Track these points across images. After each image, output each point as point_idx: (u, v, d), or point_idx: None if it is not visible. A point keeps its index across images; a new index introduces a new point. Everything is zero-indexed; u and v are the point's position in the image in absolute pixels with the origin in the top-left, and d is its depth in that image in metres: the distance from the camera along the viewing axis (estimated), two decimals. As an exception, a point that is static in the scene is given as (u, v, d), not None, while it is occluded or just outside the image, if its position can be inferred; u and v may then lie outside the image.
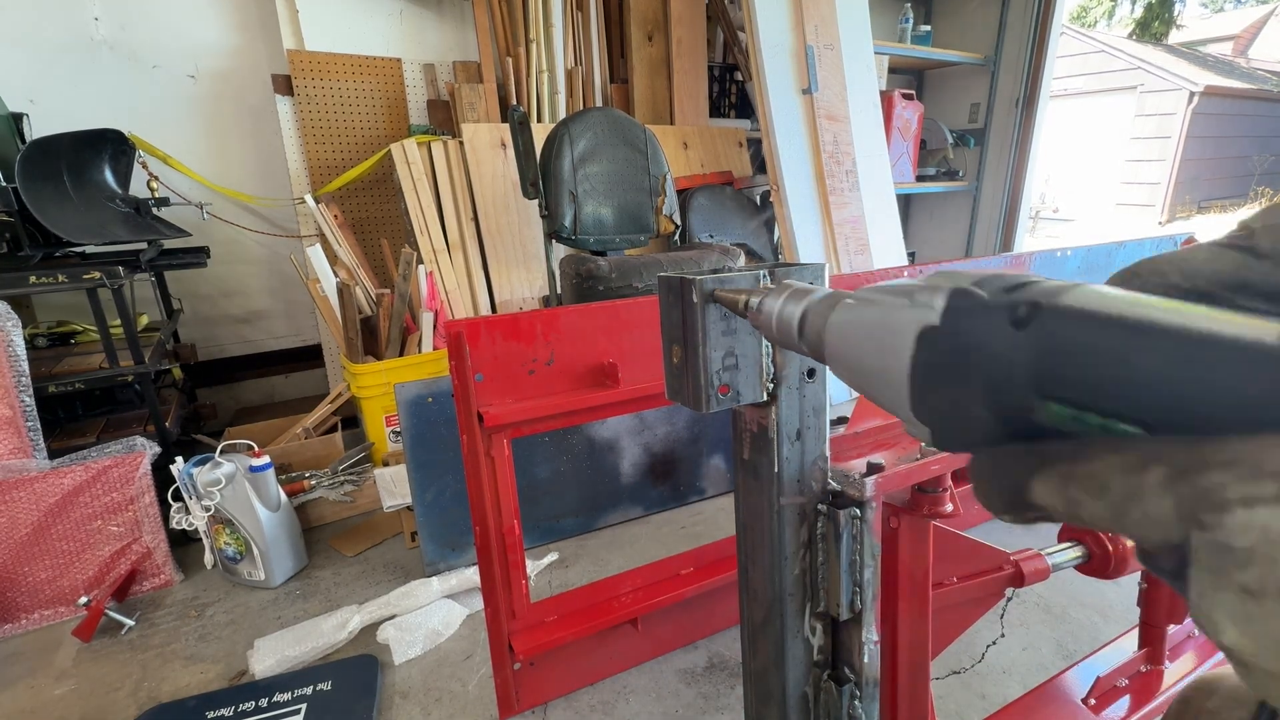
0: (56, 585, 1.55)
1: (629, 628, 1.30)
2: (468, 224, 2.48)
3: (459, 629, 1.46)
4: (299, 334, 2.83)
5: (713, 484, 2.03)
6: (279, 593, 1.62)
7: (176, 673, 1.37)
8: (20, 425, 1.54)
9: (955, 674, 1.26)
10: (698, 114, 3.02)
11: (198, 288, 2.57)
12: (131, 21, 2.32)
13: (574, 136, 2.27)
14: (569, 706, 1.26)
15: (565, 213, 2.27)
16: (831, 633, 0.59)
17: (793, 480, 0.54)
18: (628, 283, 2.06)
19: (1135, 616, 1.12)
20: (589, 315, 1.20)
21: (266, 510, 1.62)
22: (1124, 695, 1.06)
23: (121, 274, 1.75)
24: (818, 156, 2.62)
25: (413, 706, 1.26)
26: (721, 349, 0.48)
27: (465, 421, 1.08)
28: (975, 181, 3.89)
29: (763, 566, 0.57)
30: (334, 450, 2.03)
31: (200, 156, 2.47)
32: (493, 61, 2.62)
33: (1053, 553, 0.87)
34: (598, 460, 1.85)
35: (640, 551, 1.76)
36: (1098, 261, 2.10)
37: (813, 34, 2.58)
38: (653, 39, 2.86)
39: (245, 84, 2.52)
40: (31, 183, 1.72)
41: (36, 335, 2.13)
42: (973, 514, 1.80)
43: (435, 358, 2.12)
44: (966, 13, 3.82)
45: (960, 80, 3.93)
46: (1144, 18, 12.97)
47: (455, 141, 2.46)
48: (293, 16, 2.39)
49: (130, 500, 1.60)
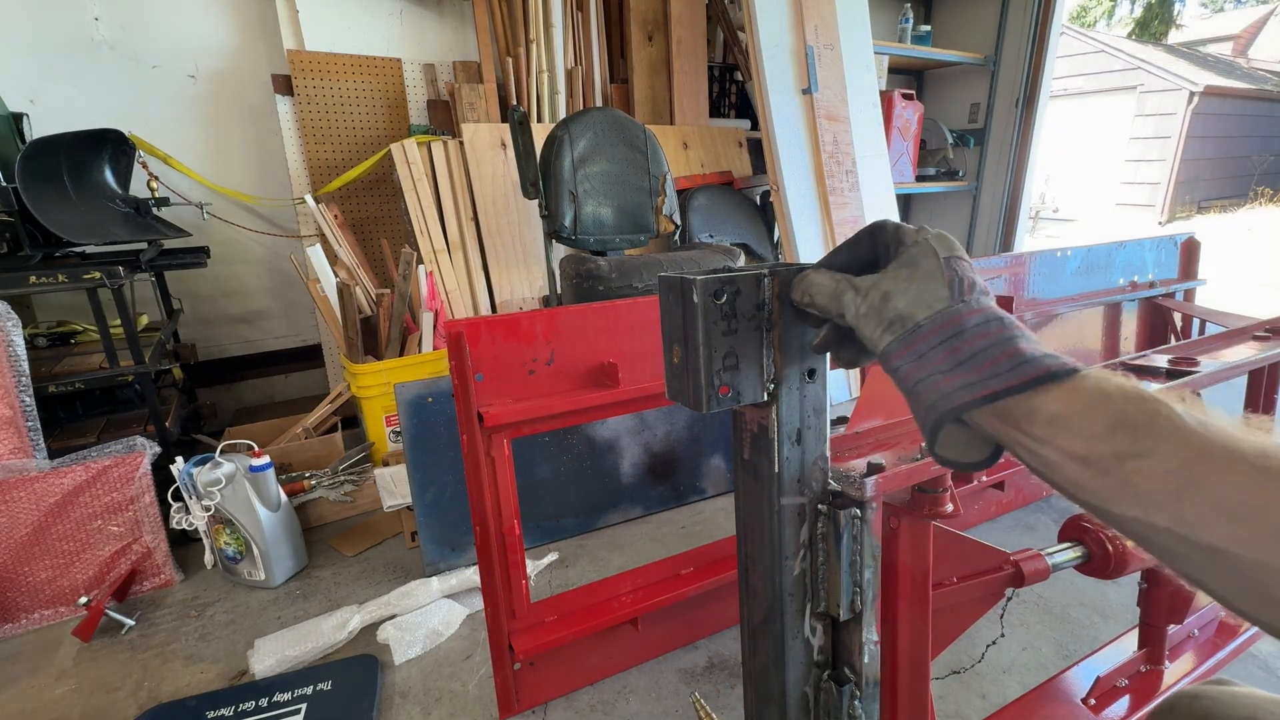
0: (56, 585, 1.55)
1: (629, 628, 1.30)
2: (468, 224, 2.48)
3: (459, 629, 1.46)
4: (299, 334, 2.83)
5: (713, 484, 2.03)
6: (279, 593, 1.62)
7: (176, 673, 1.37)
8: (20, 425, 1.54)
9: (955, 674, 1.26)
10: (698, 114, 3.02)
11: (198, 288, 2.57)
12: (131, 21, 2.32)
13: (574, 136, 2.27)
14: (569, 706, 1.26)
15: (565, 213, 2.27)
16: (831, 633, 0.59)
17: (793, 480, 0.54)
18: (628, 283, 2.06)
19: (1135, 616, 1.12)
20: (589, 315, 1.20)
21: (266, 510, 1.62)
22: (1124, 695, 1.06)
23: (121, 274, 1.75)
24: (818, 156, 2.62)
25: (413, 706, 1.26)
26: (722, 349, 0.48)
27: (465, 421, 1.08)
28: (975, 181, 3.89)
29: (763, 566, 0.57)
30: (334, 450, 2.03)
31: (200, 156, 2.47)
32: (493, 61, 2.62)
33: (1053, 553, 0.87)
34: (598, 460, 1.85)
35: (640, 551, 1.76)
36: (1098, 261, 2.10)
37: (813, 34, 2.58)
38: (653, 39, 2.86)
39: (245, 84, 2.52)
40: (31, 183, 1.72)
41: (36, 335, 2.13)
42: (973, 514, 1.80)
43: (435, 358, 2.12)
44: (966, 13, 3.82)
45: (960, 80, 3.93)
46: (1144, 17, 12.98)
47: (455, 141, 2.46)
48: (293, 16, 2.39)
49: (130, 500, 1.60)
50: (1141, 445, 0.33)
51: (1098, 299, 2.12)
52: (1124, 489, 0.33)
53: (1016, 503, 1.90)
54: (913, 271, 0.43)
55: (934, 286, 0.42)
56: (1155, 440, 0.33)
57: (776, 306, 0.50)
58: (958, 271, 0.42)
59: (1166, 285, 2.24)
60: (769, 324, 0.50)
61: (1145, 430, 0.33)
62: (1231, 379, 1.00)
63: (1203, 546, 0.31)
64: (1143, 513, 0.33)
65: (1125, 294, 2.18)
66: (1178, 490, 0.31)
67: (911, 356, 0.41)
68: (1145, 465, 0.33)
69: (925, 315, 0.41)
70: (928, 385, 0.41)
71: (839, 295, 0.46)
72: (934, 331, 0.41)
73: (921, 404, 0.41)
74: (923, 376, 0.41)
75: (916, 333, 0.41)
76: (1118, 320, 2.28)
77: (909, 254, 0.44)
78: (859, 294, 0.45)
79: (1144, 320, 2.32)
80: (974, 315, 0.40)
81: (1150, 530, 0.33)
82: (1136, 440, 0.33)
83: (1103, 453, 0.34)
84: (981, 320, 0.40)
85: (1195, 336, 2.21)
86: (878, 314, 0.43)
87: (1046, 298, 1.99)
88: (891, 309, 0.42)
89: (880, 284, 0.44)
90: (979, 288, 0.42)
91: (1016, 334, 0.39)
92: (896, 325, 0.42)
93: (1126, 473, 0.33)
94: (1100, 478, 0.34)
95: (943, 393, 0.40)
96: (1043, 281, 1.98)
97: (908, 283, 0.42)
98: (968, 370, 0.39)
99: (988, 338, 0.39)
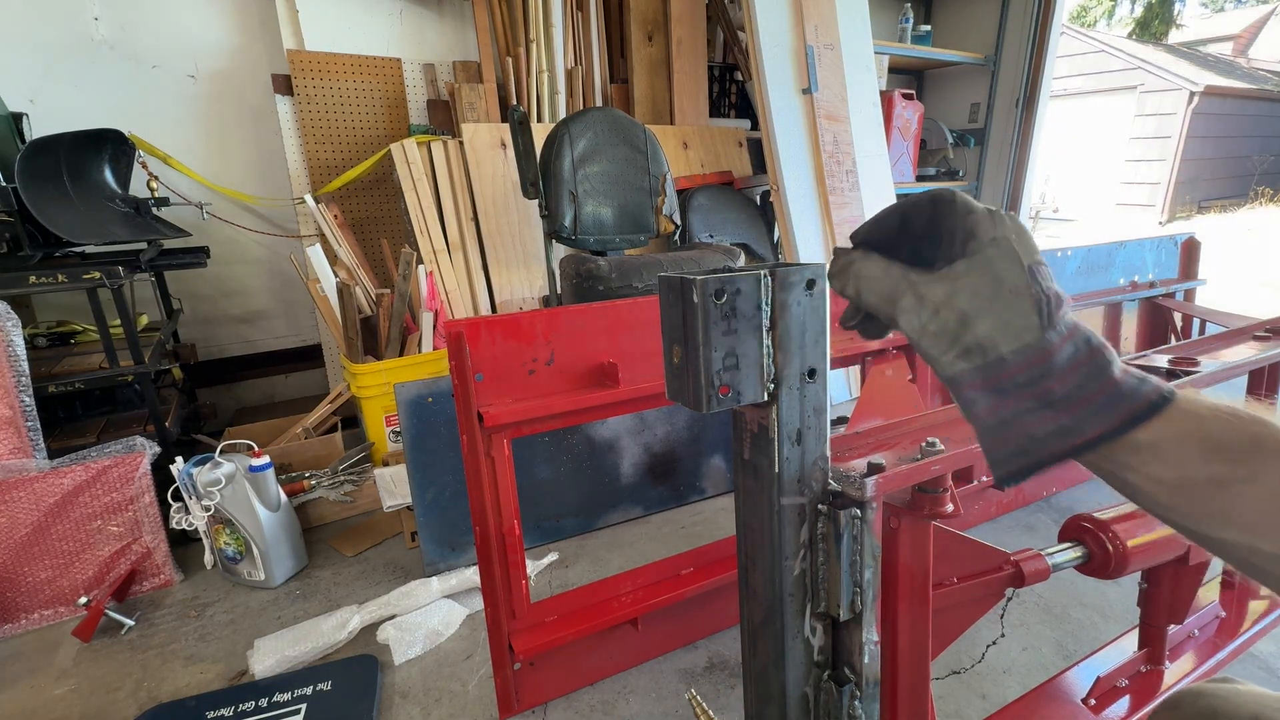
0: (56, 585, 1.55)
1: (629, 628, 1.30)
2: (468, 224, 2.48)
3: (459, 629, 1.46)
4: (299, 334, 2.83)
5: (713, 484, 2.03)
6: (279, 593, 1.62)
7: (176, 673, 1.37)
8: (20, 425, 1.54)
9: (955, 674, 1.26)
10: (698, 114, 3.01)
11: (198, 288, 2.57)
12: (131, 21, 2.32)
13: (574, 136, 2.27)
14: (569, 706, 1.26)
15: (565, 213, 2.27)
16: (832, 633, 0.59)
17: (793, 480, 0.54)
18: (628, 283, 2.06)
19: (1135, 616, 1.12)
20: (589, 315, 1.20)
21: (266, 510, 1.62)
22: (1124, 695, 1.05)
23: (121, 274, 1.75)
24: (818, 156, 2.62)
25: (413, 706, 1.26)
26: (722, 349, 0.48)
27: (465, 421, 1.08)
28: (975, 181, 3.89)
29: (763, 566, 0.57)
30: (334, 450, 2.03)
31: (200, 156, 2.47)
32: (493, 61, 2.61)
33: (1053, 553, 0.87)
34: (598, 460, 1.85)
35: (640, 551, 1.75)
36: (1098, 261, 2.10)
37: (813, 34, 2.58)
38: (653, 39, 2.86)
39: (245, 84, 2.52)
40: (31, 183, 1.72)
41: (36, 335, 2.12)
42: (973, 514, 1.80)
43: (435, 358, 2.12)
44: (966, 13, 3.82)
45: (960, 80, 3.93)
46: (1144, 17, 12.98)
47: (455, 141, 2.46)
48: (292, 16, 2.39)
49: (130, 500, 1.60)
50: (1242, 470, 0.31)
51: (1098, 299, 2.12)
52: (1224, 514, 0.32)
53: (1016, 503, 1.90)
54: (995, 285, 0.36)
55: (1022, 310, 0.35)
56: (1258, 464, 0.31)
57: (777, 306, 0.50)
58: (1044, 286, 0.36)
59: (1167, 285, 2.24)
60: (769, 324, 0.50)
61: (1247, 454, 0.31)
62: (1232, 379, 1.00)
63: None
64: (1245, 538, 0.31)
65: (1125, 294, 2.18)
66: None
67: (990, 391, 0.36)
68: (1247, 490, 0.31)
69: (1012, 348, 0.35)
70: (1015, 429, 0.36)
71: (895, 298, 0.39)
72: (1022, 369, 0.35)
73: (1003, 448, 0.36)
74: (1008, 416, 0.36)
75: (1000, 367, 0.36)
76: (1118, 320, 2.29)
77: (985, 255, 0.37)
78: (923, 304, 0.38)
79: (1144, 320, 2.32)
80: (1065, 346, 0.35)
81: (1254, 555, 0.31)
82: (1235, 465, 0.31)
83: (1196, 479, 0.32)
84: (1072, 351, 0.35)
85: (1195, 336, 2.21)
86: (952, 337, 0.37)
87: (1046, 298, 1.99)
88: (970, 335, 0.36)
89: (954, 299, 0.37)
90: (1065, 302, 0.36)
91: (1108, 359, 0.35)
92: (975, 355, 0.36)
93: (1227, 498, 0.31)
94: (1194, 503, 0.32)
95: (1033, 438, 0.35)
96: (1043, 281, 1.97)
97: (991, 301, 0.36)
98: (1059, 411, 0.35)
99: (1079, 371, 0.35)
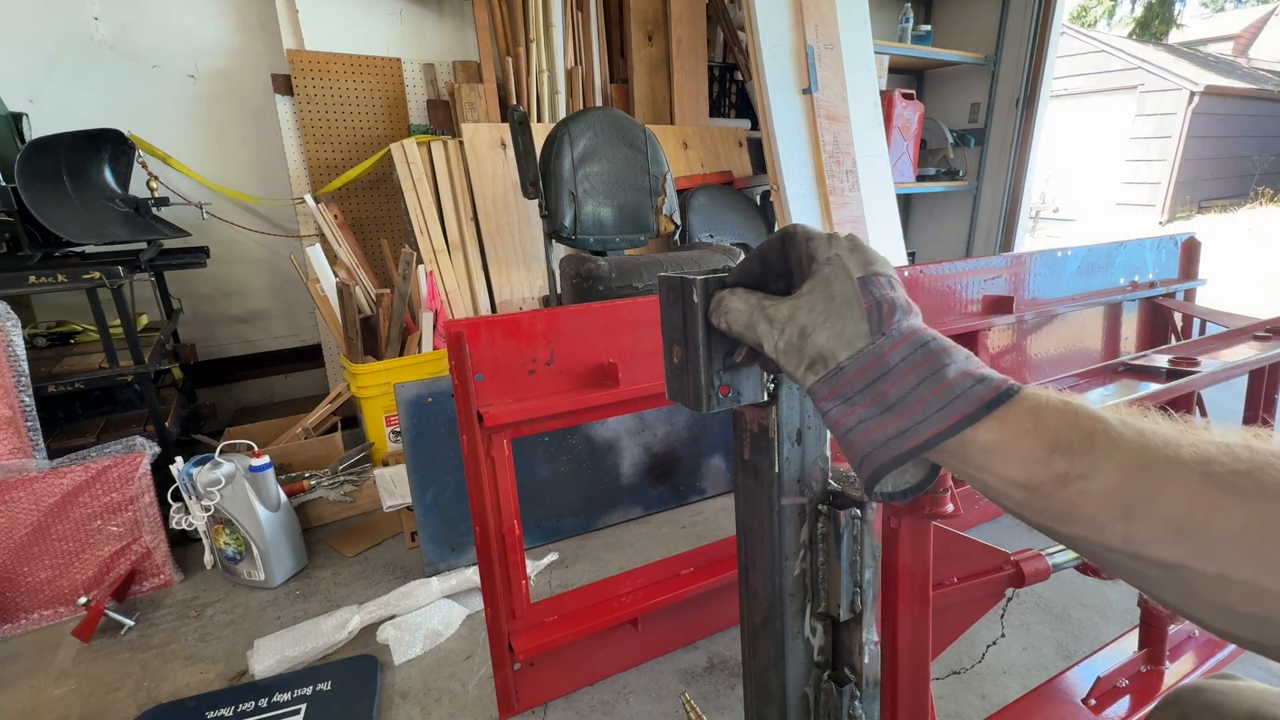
0: (56, 585, 1.55)
1: (629, 628, 1.30)
2: (468, 224, 2.48)
3: (459, 629, 1.46)
4: (299, 334, 2.83)
5: (713, 484, 2.03)
6: (279, 593, 1.62)
7: (176, 673, 1.37)
8: (20, 425, 1.54)
9: (955, 674, 1.26)
10: (698, 114, 3.01)
11: (197, 288, 2.57)
12: (131, 21, 2.32)
13: (574, 136, 2.27)
14: (569, 707, 1.26)
15: (565, 213, 2.27)
16: (832, 633, 0.59)
17: (793, 480, 0.54)
18: (628, 283, 2.06)
19: (1135, 616, 1.12)
20: (589, 315, 1.20)
21: (266, 510, 1.62)
22: (1124, 695, 1.06)
23: (121, 274, 1.75)
24: (818, 156, 2.61)
25: (412, 707, 1.26)
26: (722, 349, 0.48)
27: (465, 421, 1.08)
28: (975, 181, 3.89)
29: (763, 566, 0.57)
30: (334, 450, 2.03)
31: (200, 156, 2.47)
32: (493, 61, 2.61)
33: (1053, 553, 0.87)
34: (598, 460, 1.85)
35: (640, 551, 1.75)
36: (1098, 261, 2.10)
37: (813, 34, 2.58)
38: (653, 39, 2.86)
39: (245, 84, 2.52)
40: (31, 183, 1.72)
41: (36, 335, 2.12)
42: (973, 514, 1.80)
43: (435, 358, 2.12)
44: (966, 12, 3.82)
45: (960, 80, 3.93)
46: (1144, 17, 12.98)
47: (455, 141, 2.46)
48: (292, 16, 2.39)
49: (130, 500, 1.60)
50: (1080, 466, 0.32)
51: (1098, 299, 2.12)
52: (1069, 512, 0.32)
53: (1017, 503, 1.90)
54: (828, 300, 0.40)
55: (852, 319, 0.39)
56: (1094, 460, 0.31)
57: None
58: (875, 295, 0.39)
59: (1167, 285, 2.24)
60: None
61: (1083, 450, 0.32)
62: (1232, 379, 1.00)
63: (1157, 563, 0.30)
64: (1092, 534, 0.32)
65: (1125, 294, 2.18)
66: (1124, 510, 0.30)
67: (838, 400, 0.39)
68: (1088, 487, 0.31)
69: (847, 355, 0.39)
70: (858, 434, 0.38)
71: (753, 325, 0.43)
72: (858, 374, 0.38)
73: (855, 454, 0.39)
74: (853, 424, 0.38)
75: (840, 375, 0.39)
76: (1118, 320, 2.29)
77: (821, 275, 0.41)
78: (774, 326, 0.42)
79: (1144, 320, 2.32)
80: (897, 350, 0.38)
81: (1103, 550, 0.32)
82: (1074, 461, 0.32)
83: (1042, 478, 0.33)
84: (906, 354, 0.37)
85: (1195, 336, 2.21)
86: (798, 351, 0.40)
87: (1047, 298, 1.99)
88: (812, 347, 0.40)
89: (796, 316, 0.41)
90: (900, 308, 0.39)
91: (944, 361, 0.37)
92: (819, 365, 0.40)
93: (1070, 495, 0.32)
94: (1044, 501, 0.33)
95: (875, 444, 0.38)
96: (1043, 281, 1.98)
97: (824, 315, 0.40)
98: (897, 414, 0.37)
99: (914, 373, 0.37)
